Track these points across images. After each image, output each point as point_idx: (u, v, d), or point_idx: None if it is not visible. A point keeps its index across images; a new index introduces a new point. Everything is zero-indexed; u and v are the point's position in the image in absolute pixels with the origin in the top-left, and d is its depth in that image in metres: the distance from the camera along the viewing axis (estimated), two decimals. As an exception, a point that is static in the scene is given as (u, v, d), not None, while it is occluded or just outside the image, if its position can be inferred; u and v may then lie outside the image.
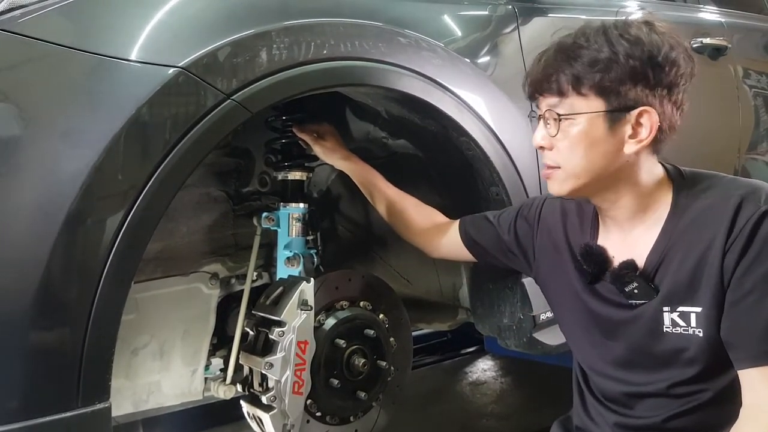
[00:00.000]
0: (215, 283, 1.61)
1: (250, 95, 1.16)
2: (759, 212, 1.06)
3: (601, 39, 1.09)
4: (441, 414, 2.89)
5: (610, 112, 1.10)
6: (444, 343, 3.58)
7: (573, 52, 1.10)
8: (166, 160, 1.08)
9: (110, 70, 1.06)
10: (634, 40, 1.08)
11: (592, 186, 1.15)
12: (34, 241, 0.99)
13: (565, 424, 1.40)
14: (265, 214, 1.56)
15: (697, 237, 1.11)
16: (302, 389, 1.41)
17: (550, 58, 1.13)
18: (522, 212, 1.40)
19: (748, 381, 1.08)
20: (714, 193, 1.12)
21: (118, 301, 1.06)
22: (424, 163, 1.67)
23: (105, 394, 1.06)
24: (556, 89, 1.12)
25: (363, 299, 1.55)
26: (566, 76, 1.10)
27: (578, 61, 1.09)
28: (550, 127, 1.14)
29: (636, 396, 1.20)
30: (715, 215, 1.09)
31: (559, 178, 1.16)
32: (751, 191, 1.09)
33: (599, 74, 1.08)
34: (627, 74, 1.08)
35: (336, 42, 1.27)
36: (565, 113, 1.11)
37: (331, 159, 1.55)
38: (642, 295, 1.15)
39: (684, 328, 1.12)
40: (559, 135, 1.13)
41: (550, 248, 1.32)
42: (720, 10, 2.35)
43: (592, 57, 1.08)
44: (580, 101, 1.10)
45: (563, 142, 1.13)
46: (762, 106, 2.31)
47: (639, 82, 1.08)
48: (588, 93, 1.10)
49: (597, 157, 1.12)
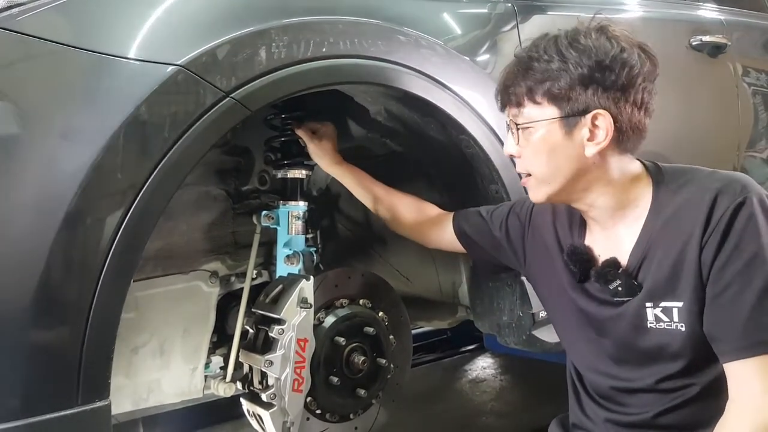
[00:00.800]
0: (215, 281, 1.61)
1: (250, 93, 1.16)
2: (734, 205, 1.07)
3: (552, 50, 1.13)
4: (440, 412, 2.89)
5: (565, 117, 1.13)
6: (443, 340, 3.58)
7: (526, 64, 1.15)
8: (165, 159, 1.08)
9: (109, 68, 1.06)
10: (582, 47, 1.12)
11: (566, 190, 1.18)
12: (34, 239, 0.99)
13: (563, 421, 1.41)
14: (264, 213, 1.57)
15: (676, 232, 1.12)
16: (302, 387, 1.41)
17: (510, 71, 1.19)
18: (514, 209, 1.43)
19: (732, 374, 1.09)
20: (691, 187, 1.14)
21: (117, 300, 1.06)
22: (424, 162, 1.67)
23: (105, 392, 1.06)
24: (514, 101, 1.17)
25: (362, 297, 1.55)
26: (521, 88, 1.15)
27: (530, 72, 1.14)
28: (513, 137, 1.19)
29: (626, 391, 1.21)
30: (692, 210, 1.11)
31: (532, 186, 1.21)
32: (727, 183, 1.11)
33: (549, 83, 1.12)
34: (576, 80, 1.11)
35: (335, 40, 1.27)
36: (523, 122, 1.16)
37: (322, 161, 1.56)
38: (626, 293, 1.17)
39: (667, 323, 1.13)
40: (522, 143, 1.18)
41: (541, 247, 1.34)
42: (719, 8, 2.35)
43: (543, 68, 1.13)
44: (536, 110, 1.15)
45: (527, 150, 1.18)
46: (761, 104, 2.31)
47: (589, 86, 1.11)
48: (542, 101, 1.14)
49: (560, 161, 1.15)
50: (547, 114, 1.14)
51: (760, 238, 1.06)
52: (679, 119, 1.98)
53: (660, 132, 1.21)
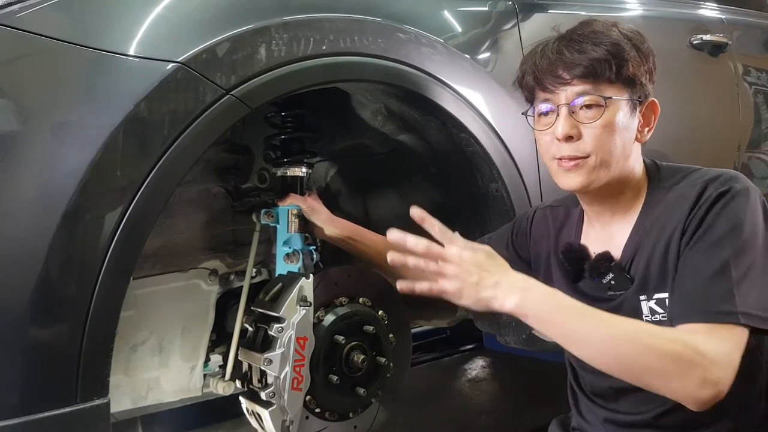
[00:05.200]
0: (214, 280, 1.61)
1: (250, 91, 1.16)
2: (717, 192, 1.08)
3: (615, 31, 1.13)
4: (440, 411, 2.89)
5: (632, 101, 1.14)
6: (443, 340, 3.59)
7: (599, 39, 1.12)
8: (164, 156, 1.08)
9: (109, 65, 1.06)
10: (641, 38, 1.14)
11: (615, 178, 1.16)
12: (33, 236, 0.99)
13: (563, 422, 1.41)
14: (264, 211, 1.56)
15: (665, 225, 1.13)
16: (301, 385, 1.41)
17: (572, 45, 1.13)
18: (515, 228, 1.44)
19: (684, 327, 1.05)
20: (684, 183, 1.15)
21: (116, 297, 1.06)
22: (424, 160, 1.66)
23: (104, 390, 1.06)
24: (591, 74, 1.12)
25: (362, 295, 1.55)
26: (601, 65, 1.11)
27: (605, 47, 1.11)
28: (581, 114, 1.14)
29: (623, 390, 1.20)
30: (681, 203, 1.12)
31: (587, 168, 1.15)
32: (717, 177, 1.12)
33: (627, 65, 1.12)
34: (644, 67, 1.14)
35: (335, 37, 1.27)
36: (598, 97, 1.12)
37: (319, 221, 1.54)
38: (619, 286, 1.18)
39: (662, 314, 1.13)
40: (585, 122, 1.13)
41: (542, 255, 1.35)
42: (720, 7, 2.35)
43: (617, 50, 1.12)
44: (610, 88, 1.13)
45: (594, 130, 1.13)
46: (762, 103, 2.31)
47: (650, 75, 1.15)
48: (617, 81, 1.13)
49: (623, 144, 1.15)
50: (622, 94, 1.13)
51: (735, 219, 1.06)
52: (680, 118, 1.97)
53: (660, 131, 1.21)
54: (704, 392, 0.98)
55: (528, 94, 1.22)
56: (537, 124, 1.21)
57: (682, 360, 0.98)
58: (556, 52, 1.14)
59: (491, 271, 1.07)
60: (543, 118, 1.19)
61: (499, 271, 1.08)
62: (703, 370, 0.98)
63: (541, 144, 1.21)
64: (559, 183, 1.20)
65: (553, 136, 1.16)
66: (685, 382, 0.98)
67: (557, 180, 1.20)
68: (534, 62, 1.17)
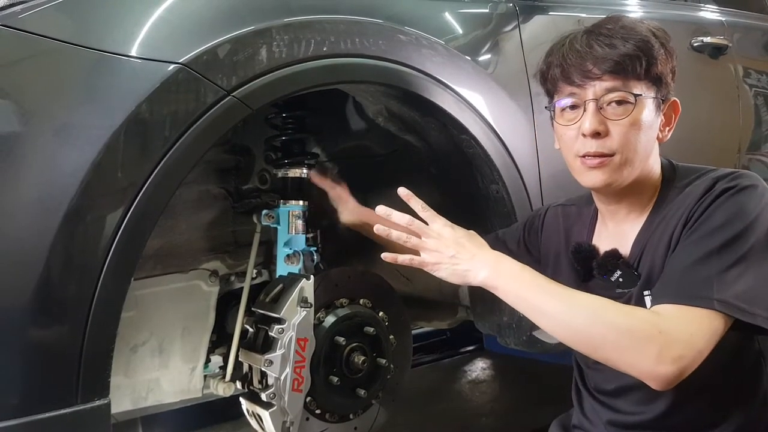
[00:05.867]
0: (215, 281, 1.61)
1: (251, 92, 1.16)
2: (722, 188, 1.08)
3: (644, 27, 1.13)
4: (440, 412, 2.89)
5: (658, 99, 1.14)
6: (443, 341, 3.59)
7: (628, 35, 1.11)
8: (165, 157, 1.08)
9: (110, 66, 1.06)
10: (664, 33, 1.15)
11: (634, 177, 1.15)
12: (34, 237, 0.99)
13: (563, 422, 1.40)
14: (264, 212, 1.56)
15: (671, 220, 1.12)
16: (302, 386, 1.41)
17: (601, 39, 1.11)
18: (527, 225, 1.43)
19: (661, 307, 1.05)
20: (696, 182, 1.14)
21: (117, 298, 1.06)
22: (424, 161, 1.67)
23: (104, 390, 1.06)
24: (621, 70, 1.10)
25: (363, 297, 1.55)
26: (636, 58, 1.10)
27: (634, 43, 1.10)
28: (609, 111, 1.12)
29: (627, 388, 1.20)
30: (688, 198, 1.11)
31: (612, 166, 1.13)
32: (726, 174, 1.11)
33: (656, 63, 1.12)
34: (670, 67, 1.14)
35: (336, 39, 1.27)
36: (628, 94, 1.11)
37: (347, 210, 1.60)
38: (627, 283, 1.17)
39: None
40: (613, 118, 1.11)
41: (552, 253, 1.35)
42: (720, 9, 2.35)
43: (647, 48, 1.11)
44: (638, 85, 1.12)
45: (622, 127, 1.11)
46: (762, 105, 2.31)
47: (673, 72, 1.16)
48: (645, 79, 1.12)
49: (646, 142, 1.14)
50: (649, 92, 1.13)
51: (733, 212, 1.05)
52: (680, 120, 1.97)
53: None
54: (661, 368, 0.98)
55: (551, 87, 1.19)
56: (560, 118, 1.18)
57: (636, 333, 1.00)
58: (586, 46, 1.12)
59: (467, 247, 1.15)
60: (567, 113, 1.16)
61: (475, 248, 1.15)
62: (660, 345, 0.98)
63: (564, 140, 1.18)
64: (581, 180, 1.17)
65: (577, 132, 1.14)
66: (639, 356, 0.99)
67: (579, 177, 1.17)
68: (562, 55, 1.15)
